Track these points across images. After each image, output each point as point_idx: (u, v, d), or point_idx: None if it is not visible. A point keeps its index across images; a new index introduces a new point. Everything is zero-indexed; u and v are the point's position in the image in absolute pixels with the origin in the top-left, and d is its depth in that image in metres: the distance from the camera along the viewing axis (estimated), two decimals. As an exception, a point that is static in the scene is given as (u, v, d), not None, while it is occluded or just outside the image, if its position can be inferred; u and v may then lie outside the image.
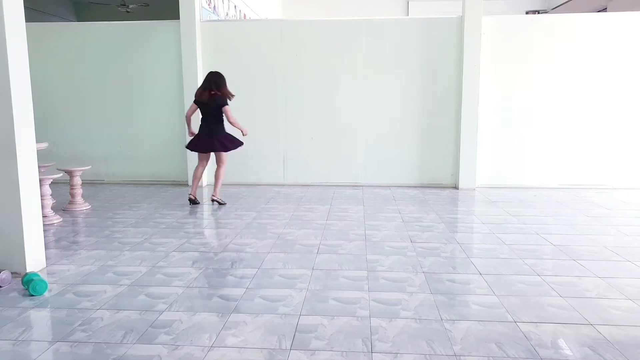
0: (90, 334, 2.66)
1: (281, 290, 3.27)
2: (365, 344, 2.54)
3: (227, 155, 5.98)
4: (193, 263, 3.85)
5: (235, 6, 10.04)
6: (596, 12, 9.72)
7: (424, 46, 7.10)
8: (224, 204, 6.01)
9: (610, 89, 6.94)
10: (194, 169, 6.14)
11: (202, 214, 5.71)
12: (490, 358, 2.39)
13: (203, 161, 6.03)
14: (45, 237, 4.27)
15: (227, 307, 3.01)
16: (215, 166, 6.00)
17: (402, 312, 2.91)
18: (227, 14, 9.42)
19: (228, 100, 5.79)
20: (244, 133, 5.88)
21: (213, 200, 5.99)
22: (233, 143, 5.89)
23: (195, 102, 5.83)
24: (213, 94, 5.72)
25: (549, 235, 4.61)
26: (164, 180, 7.63)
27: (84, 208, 5.82)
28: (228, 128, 5.97)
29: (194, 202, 5.97)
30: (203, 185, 7.33)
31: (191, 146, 5.93)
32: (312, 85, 7.32)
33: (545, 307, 2.98)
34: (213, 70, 5.98)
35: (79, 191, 5.84)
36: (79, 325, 2.77)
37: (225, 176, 6.15)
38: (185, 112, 6.20)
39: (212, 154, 6.01)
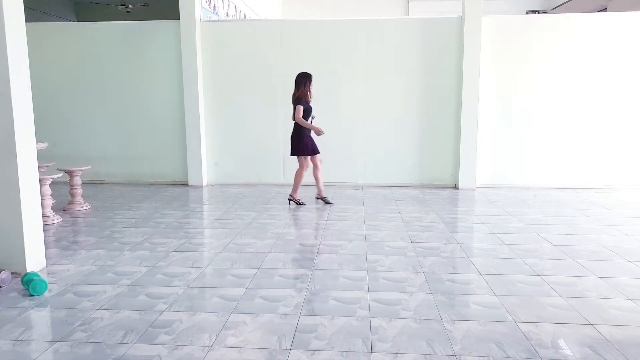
0: (90, 334, 2.66)
1: (281, 290, 3.27)
2: (365, 344, 2.54)
3: (302, 159, 5.88)
4: (193, 263, 3.85)
5: (235, 6, 10.04)
6: (596, 12, 9.71)
7: (424, 46, 7.10)
8: (301, 204, 5.98)
9: (610, 89, 6.94)
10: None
11: (202, 214, 5.71)
12: (490, 358, 2.39)
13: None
14: (45, 237, 4.27)
15: (227, 307, 3.01)
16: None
17: (402, 312, 2.91)
18: (227, 14, 9.42)
19: (302, 100, 5.75)
20: (317, 132, 5.77)
21: (289, 200, 6.02)
22: (296, 149, 5.85)
23: None
24: (295, 95, 5.81)
25: (549, 235, 4.61)
26: (164, 180, 7.63)
27: (84, 208, 5.82)
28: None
29: (325, 201, 6.05)
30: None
31: None
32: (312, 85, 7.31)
33: (545, 307, 2.98)
34: (301, 72, 5.93)
35: (79, 191, 5.84)
36: (79, 325, 2.77)
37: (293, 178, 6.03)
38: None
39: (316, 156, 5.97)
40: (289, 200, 6.02)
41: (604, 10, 9.94)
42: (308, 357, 2.41)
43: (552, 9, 12.68)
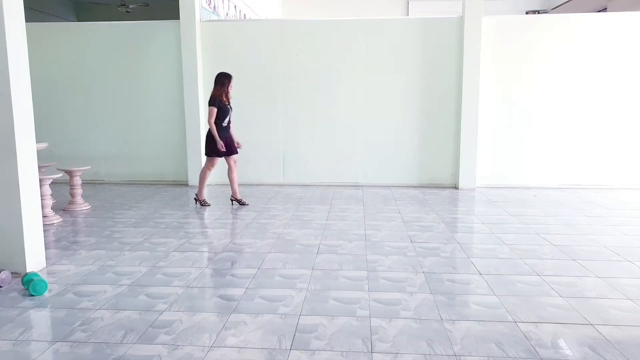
0: (90, 334, 2.66)
1: (281, 290, 3.27)
2: (365, 344, 2.54)
3: (211, 159, 5.80)
4: (193, 263, 3.85)
5: (235, 6, 10.04)
6: (596, 12, 9.72)
7: (424, 46, 7.10)
8: (205, 205, 5.96)
9: (610, 89, 6.94)
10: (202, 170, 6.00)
11: (202, 214, 5.71)
12: (490, 358, 2.39)
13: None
14: (45, 237, 4.27)
15: (227, 307, 3.01)
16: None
17: (402, 312, 2.91)
18: (227, 14, 9.42)
19: (216, 101, 5.58)
20: (218, 146, 5.58)
21: (195, 200, 6.03)
22: (208, 149, 5.74)
23: None
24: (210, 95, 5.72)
25: (549, 235, 4.61)
26: (164, 180, 7.63)
27: (84, 208, 5.82)
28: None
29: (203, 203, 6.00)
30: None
31: None
32: (312, 85, 7.33)
33: (545, 307, 2.98)
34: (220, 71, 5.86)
35: (79, 191, 5.84)
36: (79, 325, 2.77)
37: (204, 177, 5.95)
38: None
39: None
40: (195, 200, 5.99)
41: (604, 10, 9.94)
42: (308, 357, 2.41)
43: (552, 9, 12.68)
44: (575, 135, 7.06)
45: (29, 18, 4.00)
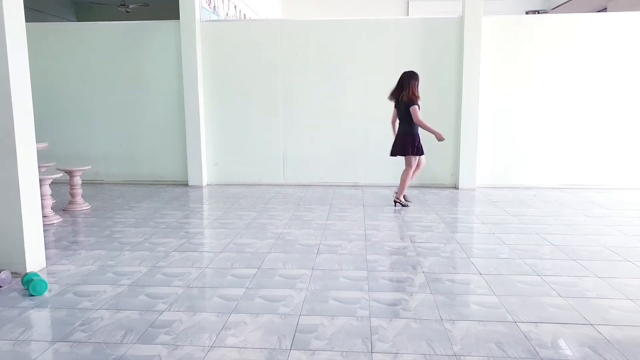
0: (90, 334, 2.66)
1: (281, 290, 3.27)
2: (365, 344, 2.54)
3: (412, 159, 5.73)
4: (193, 263, 3.85)
5: (235, 6, 10.04)
6: (596, 12, 9.71)
7: (424, 46, 7.10)
8: (406, 205, 5.85)
9: (610, 89, 6.94)
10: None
11: (202, 214, 5.71)
12: (490, 358, 2.39)
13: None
14: (45, 237, 4.27)
15: (227, 307, 3.01)
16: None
17: (402, 312, 2.91)
18: (227, 14, 9.42)
19: (417, 100, 5.56)
20: (438, 138, 5.62)
21: (395, 202, 5.87)
22: (407, 148, 5.64)
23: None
24: (401, 94, 5.65)
25: (549, 235, 4.61)
26: (164, 180, 7.63)
27: (84, 208, 5.82)
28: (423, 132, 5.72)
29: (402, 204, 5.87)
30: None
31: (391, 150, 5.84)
32: (312, 85, 7.32)
33: (545, 307, 2.98)
34: (407, 70, 5.80)
35: (79, 191, 5.84)
36: (79, 325, 2.77)
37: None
38: None
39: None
40: (394, 202, 5.87)
41: (604, 10, 9.94)
42: (308, 357, 2.41)
43: (552, 9, 12.67)
44: (575, 135, 7.06)
45: (29, 18, 4.00)
